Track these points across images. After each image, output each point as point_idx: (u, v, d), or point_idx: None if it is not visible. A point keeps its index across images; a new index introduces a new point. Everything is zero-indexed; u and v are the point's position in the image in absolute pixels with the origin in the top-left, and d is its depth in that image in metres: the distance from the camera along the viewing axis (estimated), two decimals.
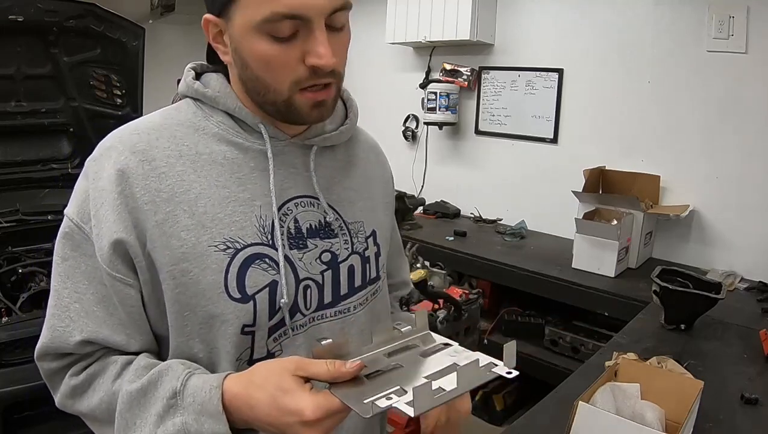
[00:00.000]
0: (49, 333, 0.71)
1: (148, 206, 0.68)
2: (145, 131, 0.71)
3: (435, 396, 0.56)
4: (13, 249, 2.29)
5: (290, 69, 0.67)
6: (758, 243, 2.26)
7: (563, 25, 2.76)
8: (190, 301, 0.68)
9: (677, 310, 1.71)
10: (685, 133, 2.42)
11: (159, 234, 0.67)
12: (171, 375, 0.65)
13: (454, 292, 2.28)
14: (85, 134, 2.58)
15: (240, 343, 0.70)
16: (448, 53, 3.15)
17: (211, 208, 0.69)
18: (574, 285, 2.17)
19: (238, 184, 0.72)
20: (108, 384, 0.69)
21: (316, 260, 0.76)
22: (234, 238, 0.70)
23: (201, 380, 0.64)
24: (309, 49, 0.65)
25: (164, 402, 0.64)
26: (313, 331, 0.76)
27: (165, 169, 0.69)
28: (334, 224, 0.78)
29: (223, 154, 0.72)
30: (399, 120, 3.41)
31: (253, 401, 0.61)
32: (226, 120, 0.74)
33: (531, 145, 2.93)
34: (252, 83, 0.70)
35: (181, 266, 0.68)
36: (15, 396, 1.76)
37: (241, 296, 0.69)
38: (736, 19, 2.22)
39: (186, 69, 0.78)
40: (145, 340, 0.73)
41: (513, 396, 2.72)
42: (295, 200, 0.75)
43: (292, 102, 0.69)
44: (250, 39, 0.66)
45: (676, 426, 1.02)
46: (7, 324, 1.88)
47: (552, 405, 1.26)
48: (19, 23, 2.17)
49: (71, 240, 0.70)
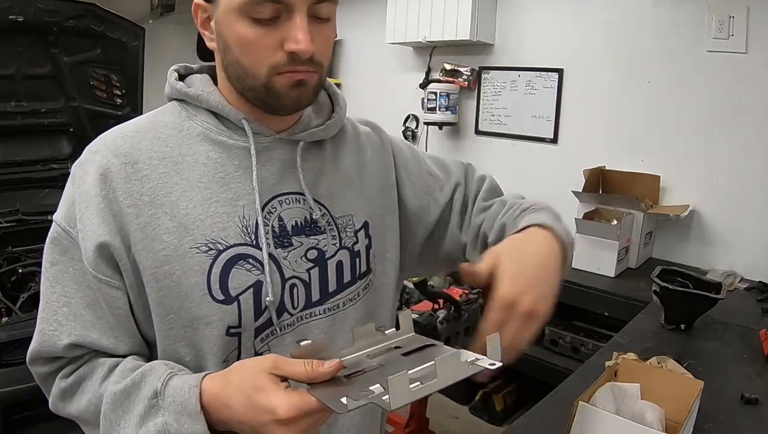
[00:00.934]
0: (38, 337, 0.71)
1: (130, 209, 0.68)
2: (130, 134, 0.72)
3: (413, 388, 0.53)
4: (13, 249, 2.29)
5: (269, 53, 0.66)
6: (758, 243, 2.27)
7: (563, 25, 2.76)
8: (174, 304, 0.68)
9: (677, 310, 1.71)
10: (685, 133, 2.42)
11: (141, 238, 0.67)
12: (153, 375, 0.65)
13: (454, 292, 2.28)
14: (85, 134, 2.58)
15: (226, 345, 0.70)
16: (448, 53, 3.15)
17: (192, 210, 0.69)
18: (574, 285, 2.17)
19: (221, 184, 0.71)
20: (96, 386, 0.69)
21: (302, 258, 0.75)
22: (216, 240, 0.69)
23: (181, 380, 0.64)
24: (288, 34, 0.65)
25: (146, 403, 0.63)
26: (302, 330, 0.75)
27: (147, 171, 0.69)
28: (320, 220, 0.77)
29: (207, 154, 0.72)
30: (399, 120, 3.41)
31: (231, 400, 0.60)
32: (210, 119, 0.74)
33: (531, 145, 2.93)
34: (233, 67, 0.69)
35: (164, 269, 0.67)
36: (15, 396, 1.76)
37: (224, 297, 0.69)
38: (736, 19, 2.22)
39: (169, 71, 0.78)
40: (134, 343, 0.72)
41: (513, 396, 2.72)
42: (280, 198, 0.74)
43: (270, 85, 0.68)
44: (231, 20, 0.66)
45: (676, 426, 1.02)
46: (7, 324, 1.88)
47: (552, 405, 1.26)
48: (19, 23, 2.17)
49: (59, 244, 0.70)
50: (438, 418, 2.64)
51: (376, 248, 0.84)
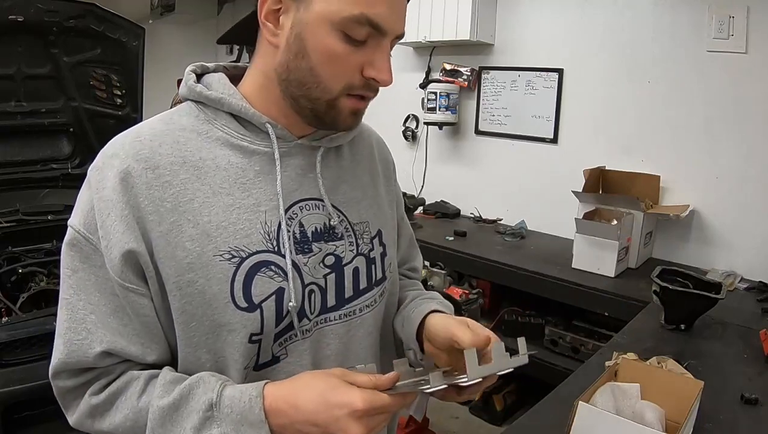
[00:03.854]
0: (65, 348, 0.68)
1: (152, 216, 0.67)
2: (148, 138, 0.70)
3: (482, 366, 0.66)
4: (13, 249, 2.30)
5: (348, 73, 0.67)
6: (758, 243, 2.27)
7: (563, 25, 2.76)
8: (196, 312, 0.68)
9: (677, 310, 1.71)
10: (685, 133, 2.42)
11: (164, 245, 0.67)
12: (204, 387, 0.65)
13: (454, 292, 2.28)
14: (85, 134, 2.58)
15: (247, 352, 0.70)
16: (448, 53, 3.15)
17: (215, 217, 0.68)
18: (574, 285, 2.17)
19: (243, 189, 0.70)
20: (133, 401, 0.68)
21: (320, 264, 0.75)
22: (239, 247, 0.69)
23: (238, 391, 0.64)
24: (373, 61, 0.67)
25: (200, 415, 0.63)
26: (318, 335, 0.76)
27: (169, 177, 0.68)
28: (338, 227, 0.77)
29: (227, 159, 0.71)
30: (399, 120, 3.42)
31: (300, 400, 0.62)
32: (230, 122, 0.72)
33: (531, 145, 2.93)
34: (301, 73, 0.68)
35: (187, 277, 0.67)
36: (15, 396, 1.76)
37: (247, 305, 0.69)
38: (736, 19, 2.22)
39: (186, 71, 0.76)
40: (162, 350, 0.71)
41: (513, 396, 2.72)
42: (300, 203, 0.74)
43: (336, 103, 0.69)
44: (323, 30, 0.65)
45: (676, 426, 1.02)
46: (7, 324, 1.88)
47: (552, 405, 1.26)
48: (19, 23, 2.17)
49: (80, 251, 0.68)
50: (438, 418, 2.64)
51: (389, 256, 0.85)
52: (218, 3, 4.42)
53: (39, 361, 1.80)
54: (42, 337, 1.84)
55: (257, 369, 0.72)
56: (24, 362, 1.82)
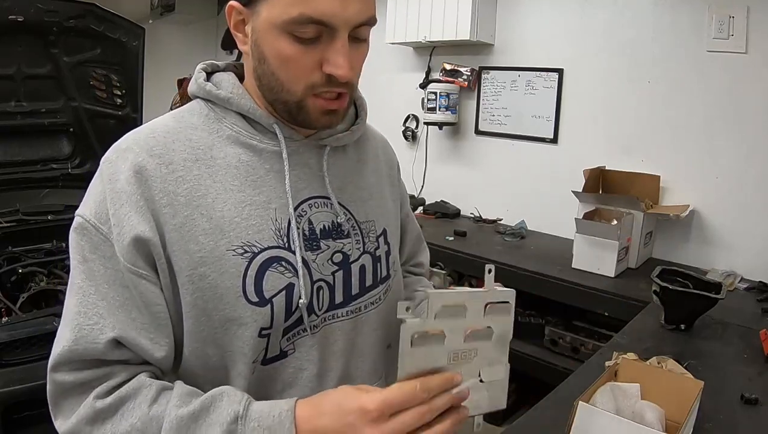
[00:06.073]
0: (72, 334, 0.66)
1: (166, 209, 0.67)
2: (161, 134, 0.71)
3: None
4: (13, 249, 2.30)
5: (307, 72, 0.67)
6: (758, 243, 2.26)
7: (563, 25, 2.75)
8: (207, 306, 0.68)
9: (677, 310, 1.71)
10: (685, 133, 2.42)
11: (177, 238, 0.67)
12: (228, 400, 0.65)
13: None
14: (85, 134, 2.58)
15: (257, 346, 0.71)
16: (448, 53, 3.15)
17: (228, 212, 0.69)
18: (574, 285, 2.17)
19: (254, 187, 0.72)
20: (144, 408, 0.65)
21: (328, 261, 0.76)
22: (251, 242, 0.70)
23: (267, 406, 0.64)
24: (329, 57, 0.66)
25: (224, 427, 0.62)
26: (325, 331, 0.77)
27: (182, 172, 0.69)
28: (345, 225, 0.78)
29: (238, 157, 0.72)
30: (399, 120, 3.41)
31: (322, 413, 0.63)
32: (239, 121, 0.74)
33: (531, 145, 2.93)
34: (267, 78, 0.70)
35: (199, 271, 0.68)
36: (15, 396, 1.76)
37: (258, 300, 0.69)
38: (736, 19, 2.22)
39: (197, 69, 0.78)
40: (169, 347, 0.70)
41: (513, 396, 2.72)
42: (309, 201, 0.76)
43: (303, 105, 0.70)
44: (272, 35, 0.66)
45: (676, 426, 1.02)
46: (7, 324, 1.88)
47: (552, 405, 1.26)
48: (19, 23, 2.18)
49: (90, 241, 0.68)
50: None
51: (393, 255, 0.86)
52: (218, 3, 4.42)
53: (39, 361, 1.80)
54: (42, 337, 1.84)
55: (265, 363, 0.73)
56: (24, 362, 1.82)
